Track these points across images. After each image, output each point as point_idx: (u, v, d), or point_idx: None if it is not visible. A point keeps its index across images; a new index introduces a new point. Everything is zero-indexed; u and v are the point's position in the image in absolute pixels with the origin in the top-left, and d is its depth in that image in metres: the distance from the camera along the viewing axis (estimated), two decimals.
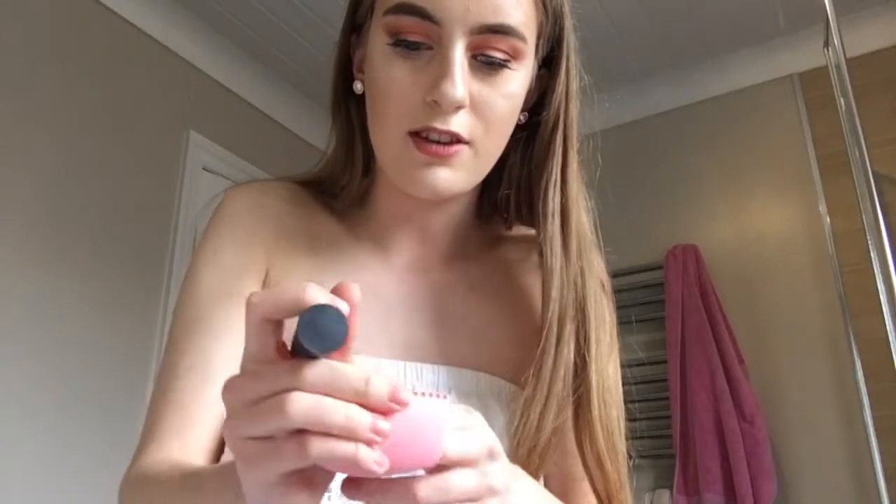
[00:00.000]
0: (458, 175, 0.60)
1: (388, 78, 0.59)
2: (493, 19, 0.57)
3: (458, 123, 0.58)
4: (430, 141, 0.58)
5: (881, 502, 2.14)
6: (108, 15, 2.26)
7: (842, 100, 1.95)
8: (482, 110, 0.59)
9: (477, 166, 0.61)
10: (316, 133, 2.87)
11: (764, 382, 2.43)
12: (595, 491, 0.61)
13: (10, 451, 1.78)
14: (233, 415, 0.37)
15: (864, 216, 2.04)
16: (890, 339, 1.91)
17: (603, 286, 0.72)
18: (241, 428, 0.36)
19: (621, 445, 0.62)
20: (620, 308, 2.92)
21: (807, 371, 2.41)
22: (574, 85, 0.67)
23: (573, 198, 0.65)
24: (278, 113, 2.87)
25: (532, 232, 0.70)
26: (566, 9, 0.68)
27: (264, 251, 0.67)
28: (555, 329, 0.61)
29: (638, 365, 3.07)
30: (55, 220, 2.00)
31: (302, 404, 0.34)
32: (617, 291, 2.96)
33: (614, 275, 2.95)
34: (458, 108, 0.58)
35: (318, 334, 0.35)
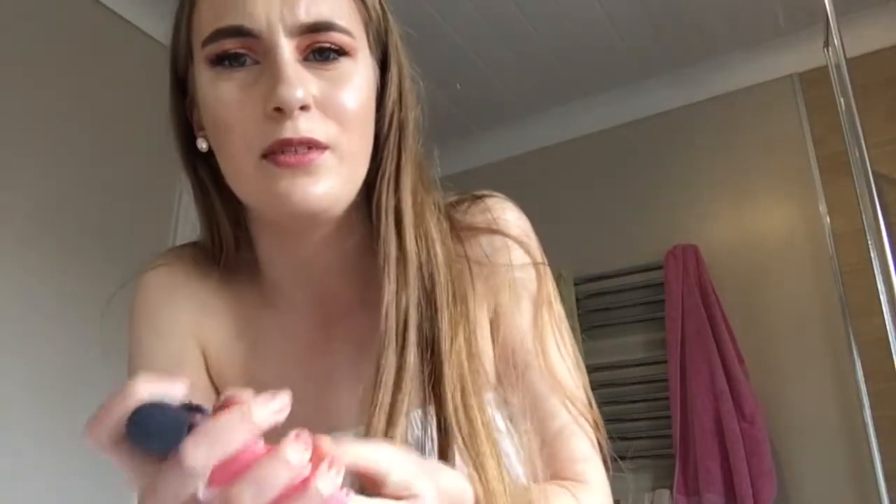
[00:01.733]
0: (327, 183, 0.56)
1: (222, 102, 0.56)
2: (310, 17, 0.56)
3: (309, 127, 0.55)
4: (287, 154, 0.55)
5: (881, 502, 2.14)
6: (109, 15, 2.26)
7: (842, 100, 1.95)
8: (331, 109, 0.57)
9: (344, 172, 0.58)
10: None
11: (764, 382, 2.43)
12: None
13: (9, 451, 1.78)
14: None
15: (864, 216, 2.04)
16: (890, 339, 1.91)
17: (510, 236, 0.67)
18: None
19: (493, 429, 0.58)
20: (620, 308, 2.93)
21: (807, 371, 2.41)
22: (407, 84, 0.65)
23: (406, 199, 0.62)
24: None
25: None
26: (388, 11, 0.65)
27: (192, 334, 0.66)
28: (394, 336, 0.57)
29: (638, 365, 3.09)
30: (55, 219, 2.00)
31: None
32: (617, 291, 2.98)
33: (614, 275, 2.97)
34: (304, 108, 0.55)
35: (149, 434, 0.34)
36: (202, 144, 0.62)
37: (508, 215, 0.68)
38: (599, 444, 0.65)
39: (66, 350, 1.95)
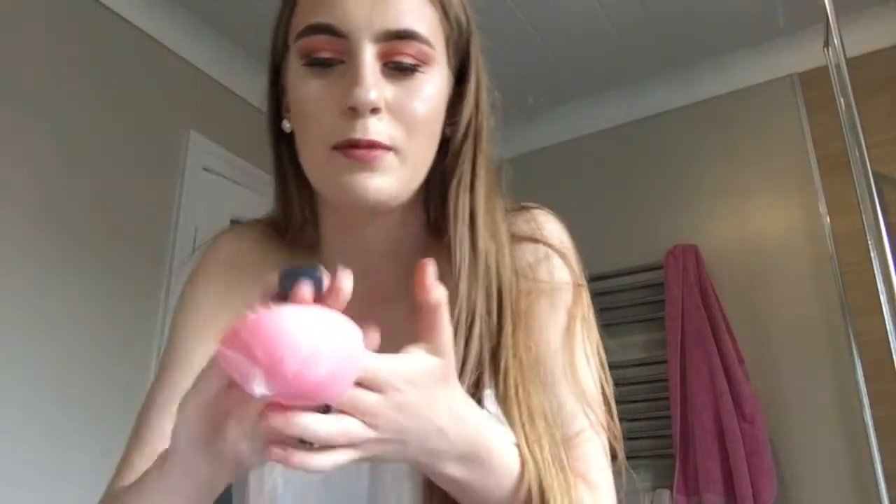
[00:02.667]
0: (386, 180, 0.61)
1: (306, 97, 0.62)
2: (396, 25, 0.61)
3: (377, 130, 0.60)
4: (353, 147, 0.60)
5: (881, 502, 2.14)
6: (108, 15, 2.26)
7: (842, 100, 1.95)
8: (400, 115, 0.61)
9: (404, 173, 0.62)
10: None
11: (764, 382, 2.43)
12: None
13: (8, 452, 1.78)
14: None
15: (864, 216, 2.04)
16: (890, 339, 1.91)
17: (554, 248, 0.72)
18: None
19: (559, 430, 0.62)
20: (620, 308, 2.92)
21: (807, 371, 2.40)
22: (484, 95, 0.70)
23: (481, 202, 0.67)
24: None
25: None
26: (472, 24, 0.71)
27: (242, 300, 0.70)
28: (464, 328, 0.62)
29: (638, 365, 3.09)
30: (55, 220, 2.00)
31: None
32: (617, 291, 2.97)
33: (614, 275, 2.96)
34: (375, 110, 0.60)
35: (294, 274, 0.44)
36: (286, 125, 0.68)
37: (552, 227, 0.74)
38: (615, 455, 0.68)
39: (66, 352, 1.95)
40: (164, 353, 0.70)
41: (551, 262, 0.71)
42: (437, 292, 0.48)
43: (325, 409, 0.44)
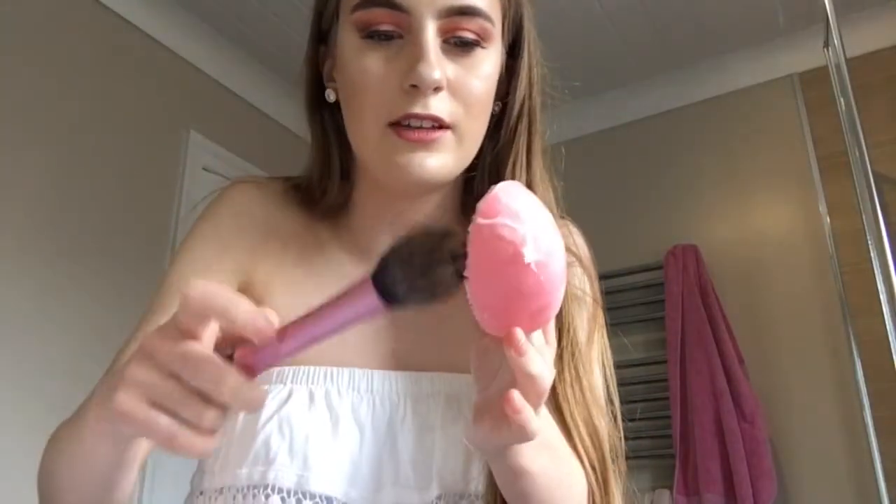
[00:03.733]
0: (444, 159, 0.60)
1: (363, 70, 0.60)
2: (459, 1, 0.59)
3: (438, 107, 0.59)
4: (412, 128, 0.59)
5: (881, 502, 2.14)
6: (108, 15, 2.26)
7: (842, 100, 1.95)
8: (460, 93, 0.60)
9: (461, 151, 0.62)
10: None
11: (764, 382, 2.43)
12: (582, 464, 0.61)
13: (10, 451, 1.78)
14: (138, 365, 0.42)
15: (864, 216, 2.04)
16: (890, 339, 1.91)
17: (580, 261, 0.72)
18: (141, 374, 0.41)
19: (601, 420, 0.62)
20: (620, 308, 2.93)
21: (807, 371, 2.40)
22: (536, 71, 0.69)
23: (538, 180, 0.67)
24: (278, 113, 2.87)
25: None
26: None
27: (248, 253, 0.68)
28: None
29: (638, 365, 3.09)
30: (55, 219, 2.00)
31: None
32: (617, 291, 2.97)
33: (614, 275, 2.96)
34: (437, 89, 0.58)
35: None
36: (331, 96, 0.66)
37: (581, 241, 0.75)
38: (619, 468, 0.67)
39: (65, 352, 1.95)
40: (156, 292, 0.67)
41: (576, 272, 0.71)
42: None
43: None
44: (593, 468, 0.58)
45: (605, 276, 2.85)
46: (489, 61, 0.62)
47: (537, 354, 0.40)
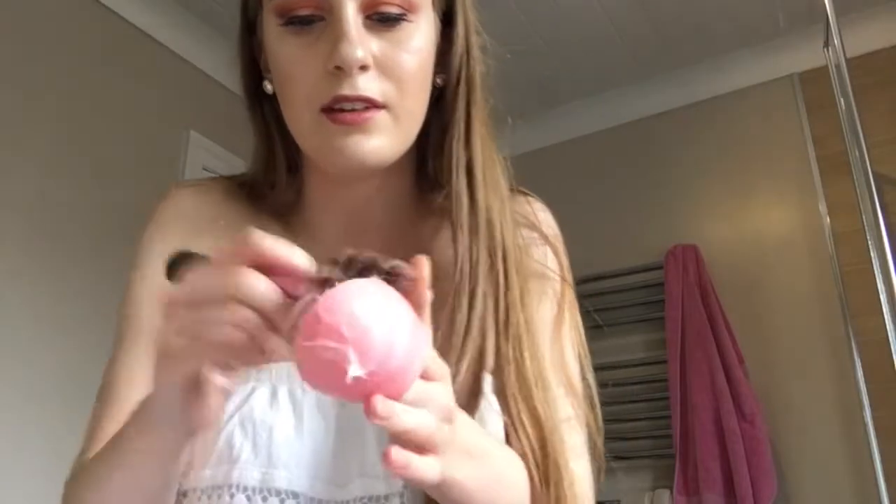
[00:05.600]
0: (381, 140, 0.58)
1: (287, 59, 0.59)
2: None
3: (367, 87, 0.57)
4: (345, 111, 0.57)
5: (881, 502, 2.14)
6: (108, 15, 2.26)
7: (842, 100, 1.95)
8: (390, 69, 0.58)
9: (398, 131, 0.60)
10: None
11: (764, 382, 2.43)
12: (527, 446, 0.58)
13: (10, 452, 1.78)
14: (171, 308, 0.42)
15: (864, 216, 2.04)
16: (890, 339, 1.91)
17: (546, 238, 0.70)
18: (177, 318, 0.41)
19: (547, 407, 0.60)
20: (620, 308, 2.92)
21: (807, 371, 2.40)
22: (474, 40, 0.66)
23: (478, 152, 0.64)
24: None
25: None
26: None
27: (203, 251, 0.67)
28: (466, 284, 0.59)
29: (638, 365, 3.08)
30: (55, 220, 2.00)
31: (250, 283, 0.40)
32: (617, 291, 2.97)
33: (614, 275, 2.96)
34: (363, 68, 0.57)
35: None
36: (268, 87, 0.64)
37: (546, 217, 0.72)
38: (597, 447, 0.65)
39: (64, 352, 1.95)
40: (122, 322, 0.65)
41: (543, 250, 0.69)
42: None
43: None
44: (536, 463, 0.56)
45: (605, 277, 2.88)
46: (419, 34, 0.60)
47: (404, 410, 0.39)
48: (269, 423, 0.57)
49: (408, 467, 0.39)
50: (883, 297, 1.88)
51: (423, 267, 0.42)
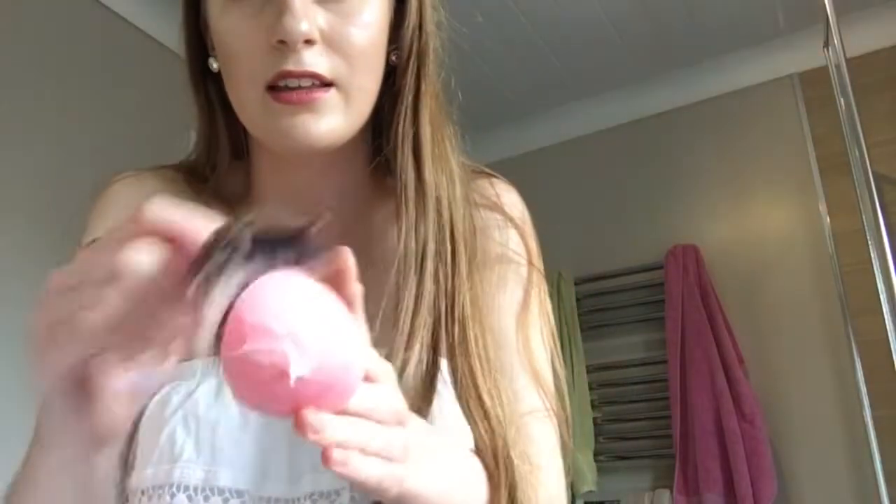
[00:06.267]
0: (331, 120, 0.55)
1: (229, 31, 0.55)
2: None
3: (314, 62, 0.53)
4: (290, 89, 0.54)
5: (881, 502, 2.14)
6: (109, 15, 2.26)
7: (842, 100, 1.95)
8: (338, 44, 0.55)
9: (350, 109, 0.56)
10: None
11: (764, 382, 2.43)
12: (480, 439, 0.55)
13: (10, 453, 1.78)
14: (48, 292, 0.37)
15: (864, 216, 2.04)
16: (890, 339, 1.91)
17: (512, 221, 0.65)
18: (54, 302, 0.36)
19: (497, 402, 0.56)
20: (620, 308, 2.92)
21: (807, 371, 2.41)
22: (429, 14, 0.63)
23: (425, 128, 0.60)
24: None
25: None
26: None
27: None
28: (413, 262, 0.56)
29: (638, 365, 3.09)
30: (55, 220, 2.00)
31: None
32: (617, 291, 2.96)
33: (614, 275, 2.96)
34: (308, 42, 0.53)
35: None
36: (214, 65, 0.61)
37: (513, 198, 0.68)
38: (565, 441, 0.62)
39: None
40: None
41: (507, 233, 0.65)
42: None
43: None
44: (493, 448, 0.54)
45: (605, 276, 2.88)
46: (369, 7, 0.56)
47: (335, 422, 0.35)
48: (213, 419, 0.54)
49: (346, 464, 0.36)
50: (883, 297, 1.88)
51: (348, 258, 0.38)
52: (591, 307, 2.75)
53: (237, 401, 0.35)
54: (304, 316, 0.34)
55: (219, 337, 0.34)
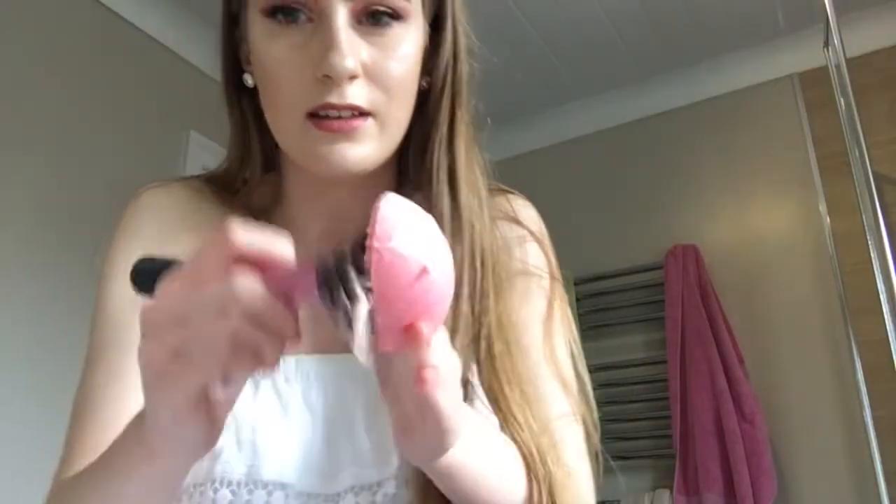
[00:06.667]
0: (367, 148, 0.57)
1: (274, 58, 0.57)
2: None
3: (356, 94, 0.56)
4: (331, 118, 0.56)
5: (881, 502, 2.14)
6: (108, 15, 2.26)
7: (842, 100, 1.95)
8: (378, 77, 0.57)
9: (384, 137, 0.59)
10: None
11: (764, 382, 2.43)
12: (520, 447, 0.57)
13: (10, 453, 1.78)
14: (155, 325, 0.38)
15: (864, 216, 2.04)
16: (890, 339, 1.91)
17: (532, 234, 0.69)
18: (166, 335, 0.37)
19: (534, 404, 0.59)
20: (620, 308, 2.92)
21: (807, 371, 2.41)
22: (462, 43, 0.65)
23: (461, 156, 0.63)
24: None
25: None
26: None
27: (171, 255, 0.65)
28: None
29: (638, 365, 3.09)
30: (55, 220, 2.00)
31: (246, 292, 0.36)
32: (617, 291, 2.97)
33: (614, 275, 2.96)
34: (352, 77, 0.55)
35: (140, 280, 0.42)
36: (249, 80, 0.63)
37: (531, 213, 0.71)
38: (593, 444, 0.64)
39: (66, 355, 1.95)
40: (95, 330, 0.62)
41: (526, 247, 0.68)
42: None
43: None
44: (530, 453, 0.56)
45: (605, 276, 2.88)
46: (408, 40, 0.59)
47: (435, 346, 0.39)
48: (252, 418, 0.56)
49: (436, 387, 0.37)
50: (883, 297, 1.88)
51: None
52: (591, 307, 2.75)
53: (373, 286, 0.38)
54: (429, 230, 0.39)
55: (373, 329, 0.38)
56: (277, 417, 0.56)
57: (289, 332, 0.38)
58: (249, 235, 0.37)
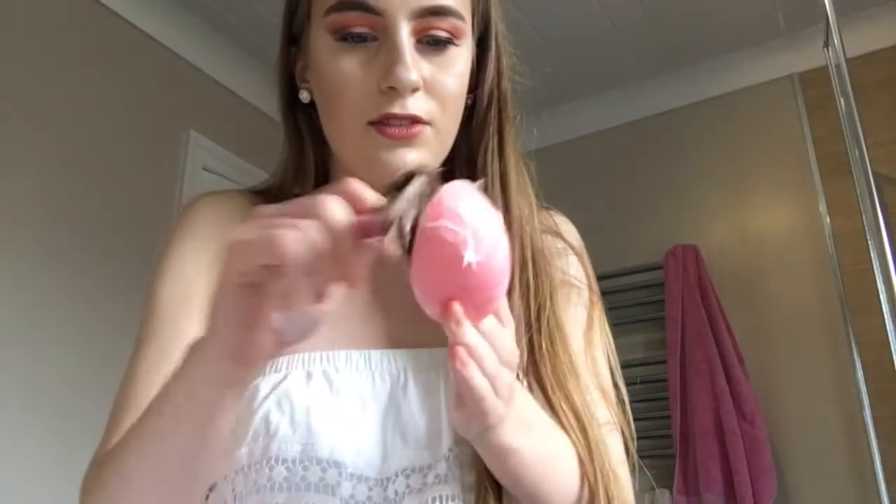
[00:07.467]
0: (423, 154, 0.62)
1: (340, 73, 0.61)
2: (431, 1, 0.61)
3: (416, 106, 0.61)
4: (392, 125, 0.61)
5: (881, 502, 2.14)
6: (109, 15, 2.26)
7: (842, 100, 1.95)
8: (436, 91, 0.62)
9: (438, 146, 0.64)
10: None
11: (764, 382, 2.43)
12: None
13: (9, 454, 1.78)
14: (242, 243, 0.42)
15: (864, 216, 2.04)
16: (890, 339, 1.91)
17: (572, 248, 0.73)
18: (253, 251, 0.41)
19: (583, 398, 0.62)
20: (620, 308, 2.92)
21: (807, 371, 2.40)
22: (505, 60, 0.72)
23: (511, 164, 0.69)
24: (278, 113, 2.86)
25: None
26: None
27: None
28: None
29: (638, 365, 3.09)
30: (55, 220, 2.00)
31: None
32: (617, 291, 2.97)
33: (614, 275, 2.96)
34: (414, 90, 0.60)
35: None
36: (305, 96, 0.68)
37: (571, 227, 0.76)
38: (630, 454, 0.67)
39: (66, 354, 1.95)
40: (145, 322, 0.66)
41: (567, 259, 0.71)
42: None
43: None
44: (582, 445, 0.59)
45: (606, 276, 2.87)
46: (462, 58, 0.64)
47: (471, 327, 0.42)
48: (306, 401, 0.58)
49: (466, 365, 0.41)
50: (883, 297, 1.88)
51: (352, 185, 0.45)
52: None
53: (413, 274, 0.41)
54: (484, 219, 0.41)
55: (409, 248, 0.41)
56: (330, 401, 0.59)
57: (357, 269, 0.41)
58: (353, 184, 0.43)
